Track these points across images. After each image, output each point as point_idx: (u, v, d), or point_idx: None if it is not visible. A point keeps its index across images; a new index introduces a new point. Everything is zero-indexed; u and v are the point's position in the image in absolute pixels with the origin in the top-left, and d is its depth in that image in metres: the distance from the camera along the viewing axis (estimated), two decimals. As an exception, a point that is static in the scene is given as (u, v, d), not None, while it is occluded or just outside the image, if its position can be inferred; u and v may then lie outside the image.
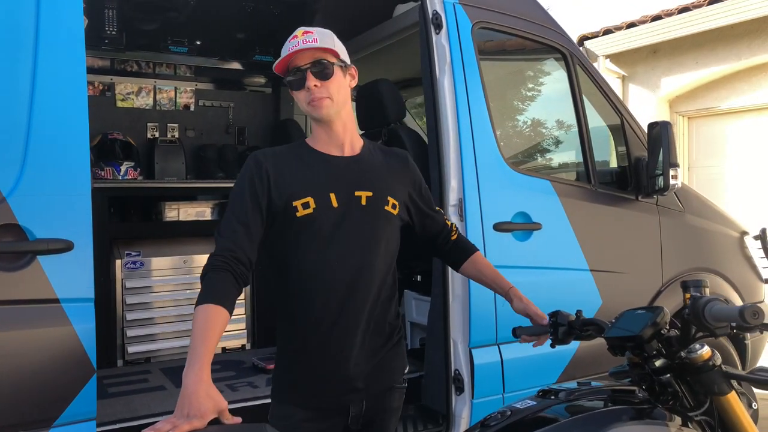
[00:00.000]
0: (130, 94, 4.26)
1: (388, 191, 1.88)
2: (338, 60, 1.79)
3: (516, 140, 3.77)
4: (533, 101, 4.04)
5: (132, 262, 3.62)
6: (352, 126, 1.91)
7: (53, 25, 2.02)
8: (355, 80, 1.89)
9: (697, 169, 8.10)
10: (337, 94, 1.79)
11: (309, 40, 1.74)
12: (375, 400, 1.87)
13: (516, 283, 3.00)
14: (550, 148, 3.87)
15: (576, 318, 1.90)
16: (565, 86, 3.35)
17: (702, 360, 1.53)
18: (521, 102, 3.82)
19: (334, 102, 1.78)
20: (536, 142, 3.91)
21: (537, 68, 3.88)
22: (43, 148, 1.97)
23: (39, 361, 1.93)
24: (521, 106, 3.81)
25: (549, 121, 3.97)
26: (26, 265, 1.93)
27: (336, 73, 1.78)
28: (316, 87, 1.75)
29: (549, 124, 3.93)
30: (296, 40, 1.75)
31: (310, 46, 1.74)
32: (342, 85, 1.81)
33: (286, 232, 1.79)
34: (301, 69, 1.75)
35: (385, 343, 1.89)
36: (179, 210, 3.94)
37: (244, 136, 4.65)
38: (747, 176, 7.56)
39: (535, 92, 3.99)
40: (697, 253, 3.79)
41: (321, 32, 1.79)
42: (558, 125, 3.86)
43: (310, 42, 1.74)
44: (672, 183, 3.26)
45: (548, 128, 3.96)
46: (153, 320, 3.67)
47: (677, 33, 7.48)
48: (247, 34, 4.23)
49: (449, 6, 2.96)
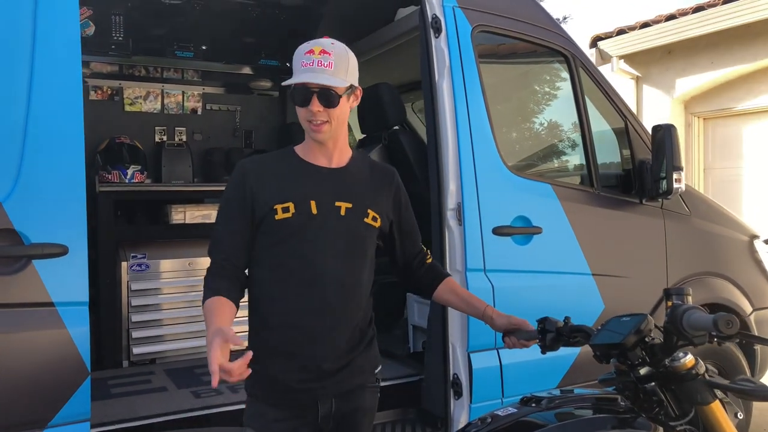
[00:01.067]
0: (138, 98, 4.32)
1: (370, 204, 1.92)
2: (346, 89, 1.81)
3: (517, 144, 3.76)
4: (535, 104, 4.02)
5: (137, 264, 3.66)
6: (343, 140, 1.94)
7: (50, 32, 2.06)
8: (358, 100, 1.91)
9: (713, 171, 8.00)
10: (337, 120, 1.82)
11: (324, 64, 1.74)
12: (345, 399, 1.90)
13: (516, 287, 3.05)
14: (551, 151, 3.85)
15: (564, 324, 1.89)
16: (567, 89, 3.34)
17: (685, 368, 1.52)
18: (522, 105, 3.80)
19: (332, 126, 1.82)
20: (537, 146, 3.89)
21: (539, 71, 3.86)
22: (39, 154, 2.01)
23: (34, 363, 1.97)
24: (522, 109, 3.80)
25: (551, 124, 3.95)
26: (22, 269, 1.97)
27: (341, 102, 1.80)
28: (319, 111, 1.77)
29: (551, 128, 3.91)
30: (311, 58, 1.75)
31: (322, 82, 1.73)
32: (344, 110, 1.84)
33: (265, 234, 1.84)
34: (308, 89, 1.76)
35: (356, 346, 1.92)
36: (185, 213, 3.97)
37: (251, 139, 4.70)
38: (764, 178, 7.44)
39: (536, 95, 3.97)
40: (704, 257, 3.74)
41: (338, 56, 1.78)
42: (560, 128, 3.84)
43: (325, 67, 1.74)
44: (675, 186, 3.23)
45: (550, 131, 3.94)
46: (158, 322, 3.72)
47: (692, 33, 7.39)
48: (253, 38, 4.27)
49: (449, 10, 2.96)
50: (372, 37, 3.76)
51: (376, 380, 2.01)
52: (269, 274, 1.84)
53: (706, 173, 8.02)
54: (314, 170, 1.89)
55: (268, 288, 1.85)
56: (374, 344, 2.01)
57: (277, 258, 1.84)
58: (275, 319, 1.85)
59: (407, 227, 2.09)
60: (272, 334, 1.85)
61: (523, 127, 3.93)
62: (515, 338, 1.98)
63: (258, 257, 1.87)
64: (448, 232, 2.89)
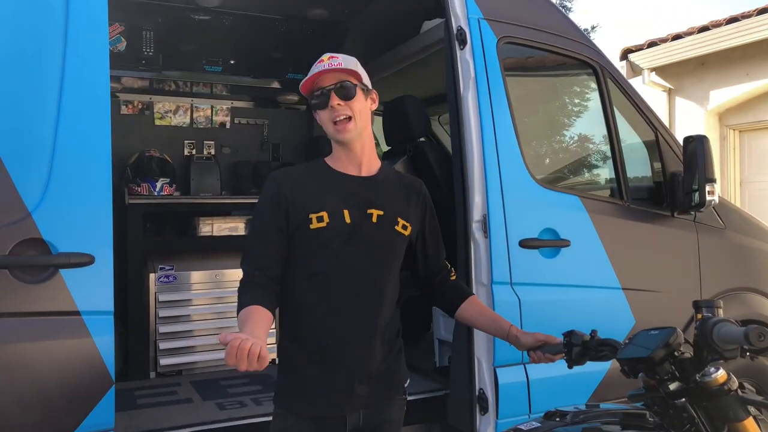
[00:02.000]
0: (168, 112, 4.39)
1: (400, 212, 1.95)
2: (361, 83, 1.89)
3: (544, 156, 3.71)
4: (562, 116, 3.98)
5: (165, 276, 3.70)
6: (370, 147, 1.98)
7: (80, 46, 2.10)
8: (376, 104, 1.97)
9: (749, 184, 7.80)
10: (359, 115, 1.87)
11: (334, 64, 1.85)
12: (374, 411, 1.90)
13: (543, 301, 3.00)
14: (579, 163, 3.79)
15: (591, 338, 1.84)
16: (595, 100, 3.29)
17: (717, 384, 1.47)
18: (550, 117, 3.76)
19: (357, 124, 1.86)
20: (565, 158, 3.84)
21: (566, 83, 3.82)
22: (67, 165, 2.05)
23: (59, 372, 1.99)
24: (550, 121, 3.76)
25: (579, 136, 3.89)
26: (49, 278, 2.00)
27: (358, 95, 1.87)
28: (339, 105, 1.83)
29: (579, 139, 3.86)
30: (322, 64, 1.86)
31: (335, 68, 1.84)
32: (364, 108, 1.90)
33: (299, 244, 1.87)
34: (325, 90, 1.84)
35: (386, 356, 1.93)
36: (213, 225, 4.03)
37: (278, 152, 4.73)
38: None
39: (564, 107, 3.93)
40: (740, 271, 3.63)
41: (346, 58, 1.89)
42: (588, 140, 3.78)
43: (336, 65, 1.84)
44: (708, 199, 3.15)
45: (578, 143, 3.88)
46: (185, 333, 3.75)
47: (726, 44, 7.26)
48: (281, 53, 4.32)
49: (474, 22, 2.94)
50: (397, 50, 3.77)
51: (404, 393, 2.00)
52: (304, 283, 1.86)
53: (743, 187, 7.83)
54: (345, 179, 1.92)
55: (303, 297, 1.86)
56: (402, 356, 2.01)
57: (312, 267, 1.86)
58: (310, 327, 1.85)
59: (432, 239, 2.09)
60: (307, 342, 1.85)
61: (550, 139, 3.88)
62: (541, 353, 1.95)
63: (292, 267, 1.88)
64: (474, 244, 2.85)
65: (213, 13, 3.89)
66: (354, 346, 1.85)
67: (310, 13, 4.00)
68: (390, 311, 1.95)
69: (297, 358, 1.88)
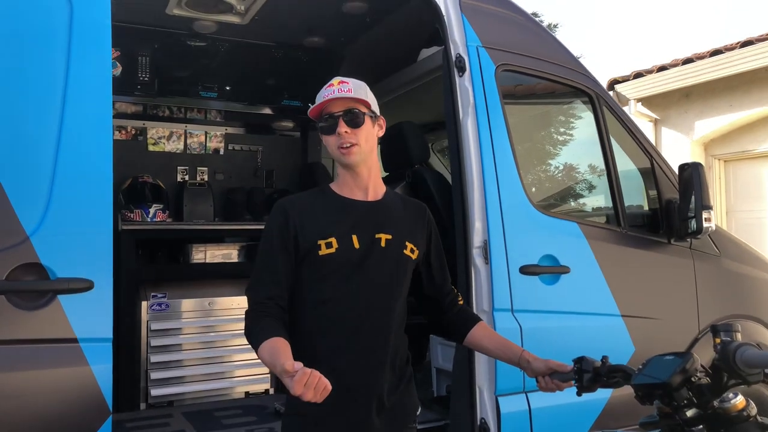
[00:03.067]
0: (161, 138, 4.36)
1: (407, 236, 1.94)
2: (369, 110, 1.89)
3: (542, 182, 3.73)
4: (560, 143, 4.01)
5: (158, 304, 3.63)
6: (376, 172, 1.98)
7: (82, 69, 2.08)
8: (383, 130, 1.98)
9: (735, 213, 7.89)
10: (365, 142, 1.87)
11: (344, 90, 1.85)
12: None
13: (544, 328, 2.97)
14: (577, 190, 3.81)
15: (602, 364, 1.82)
16: (592, 128, 3.32)
17: (736, 410, 1.44)
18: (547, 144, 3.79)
19: (362, 149, 1.86)
20: (563, 184, 3.86)
21: (563, 110, 3.86)
22: (67, 189, 2.01)
23: (55, 401, 1.92)
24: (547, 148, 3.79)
25: (576, 163, 3.92)
26: (47, 304, 1.95)
27: (366, 122, 1.87)
28: (347, 133, 1.83)
29: (576, 167, 3.89)
30: (332, 89, 1.86)
31: (345, 96, 1.84)
32: (370, 134, 1.90)
33: (308, 270, 1.85)
34: (334, 116, 1.85)
35: (398, 384, 1.90)
36: (206, 252, 3.97)
37: (272, 179, 4.71)
38: (788, 221, 7.33)
39: (561, 134, 3.97)
40: (736, 299, 3.64)
41: (356, 83, 1.89)
42: (585, 167, 3.81)
43: (345, 92, 1.84)
44: (705, 226, 3.17)
45: (575, 170, 3.91)
46: (177, 363, 3.66)
47: (710, 76, 7.42)
48: (277, 80, 4.32)
49: (473, 49, 2.97)
50: (394, 77, 3.79)
51: (415, 422, 1.97)
52: (313, 310, 1.84)
53: (729, 216, 7.92)
54: (353, 204, 1.91)
55: (312, 324, 1.84)
56: (413, 384, 1.98)
57: (321, 294, 1.83)
58: (320, 354, 1.81)
59: (438, 262, 2.08)
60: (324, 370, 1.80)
61: (548, 166, 3.91)
62: (550, 379, 1.92)
63: (302, 295, 1.86)
64: (474, 270, 2.83)
65: (209, 40, 3.90)
66: (366, 374, 1.82)
67: (306, 41, 4.02)
68: (400, 337, 1.94)
69: None
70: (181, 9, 3.47)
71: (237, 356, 3.77)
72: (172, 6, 3.44)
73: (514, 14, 3.24)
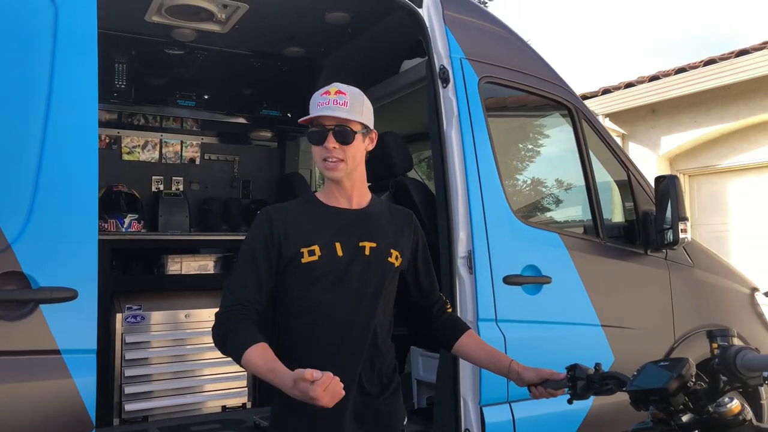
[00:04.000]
0: (136, 147, 4.28)
1: (392, 244, 1.93)
2: (362, 128, 1.84)
3: (523, 193, 3.77)
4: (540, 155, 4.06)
5: (133, 316, 3.54)
6: (360, 181, 1.96)
7: (67, 74, 2.03)
8: (374, 143, 1.94)
9: (700, 226, 8.10)
10: (352, 159, 1.84)
11: (340, 103, 1.79)
12: None
13: (527, 338, 2.98)
14: (557, 201, 3.86)
15: (595, 372, 1.84)
16: (571, 140, 3.37)
17: (732, 414, 1.47)
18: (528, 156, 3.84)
19: (347, 166, 1.83)
20: (543, 196, 3.91)
21: (543, 123, 3.91)
22: (51, 196, 1.95)
23: (37, 415, 1.85)
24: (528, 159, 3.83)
25: (556, 174, 3.97)
26: (28, 314, 1.88)
27: (356, 140, 1.83)
28: (335, 148, 1.80)
29: (556, 178, 3.94)
30: (327, 98, 1.80)
31: (338, 114, 1.78)
32: (359, 150, 1.86)
33: (292, 279, 1.83)
34: (325, 128, 1.80)
35: (382, 392, 1.88)
36: (182, 263, 3.89)
37: (248, 189, 4.66)
38: (752, 233, 7.54)
39: (541, 146, 4.02)
40: (709, 309, 3.72)
41: (353, 96, 1.83)
42: (565, 179, 3.86)
43: (340, 105, 1.79)
44: (682, 237, 3.24)
45: (555, 182, 3.96)
46: (153, 377, 3.56)
47: (675, 93, 7.62)
48: (255, 89, 4.29)
49: (456, 61, 2.99)
50: (376, 88, 3.79)
51: (403, 431, 1.95)
52: (299, 319, 1.82)
53: (695, 229, 8.11)
54: (337, 213, 1.89)
55: (299, 334, 1.82)
56: (400, 394, 1.97)
57: (306, 302, 1.82)
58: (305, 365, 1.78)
59: (425, 269, 2.07)
60: None
61: (528, 177, 3.95)
62: (543, 388, 1.92)
63: (286, 304, 1.84)
64: (459, 280, 2.84)
65: (187, 48, 3.86)
66: (352, 383, 1.79)
67: (285, 50, 4.01)
68: (386, 346, 1.92)
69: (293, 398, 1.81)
70: (161, 16, 3.42)
71: (213, 369, 3.69)
72: (151, 13, 3.39)
73: (496, 27, 3.28)
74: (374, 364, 1.85)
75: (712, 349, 1.47)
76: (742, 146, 7.58)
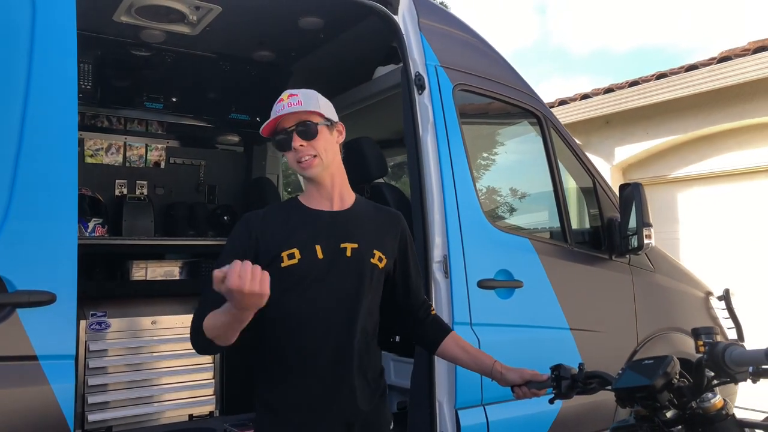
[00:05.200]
0: (99, 150, 4.17)
1: (375, 245, 1.91)
2: (323, 119, 1.86)
3: (494, 198, 3.83)
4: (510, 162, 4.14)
5: (97, 323, 3.43)
6: (341, 180, 1.95)
7: (45, 72, 1.97)
8: (343, 135, 1.96)
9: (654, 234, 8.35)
10: (324, 152, 1.84)
11: (294, 103, 1.82)
12: None
13: (500, 342, 3.03)
14: (526, 207, 3.94)
15: (579, 371, 1.88)
16: (540, 148, 3.45)
17: (715, 409, 1.53)
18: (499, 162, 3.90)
19: (322, 160, 1.84)
20: (513, 201, 3.98)
21: (514, 130, 4.00)
22: (28, 197, 1.89)
23: (13, 423, 1.78)
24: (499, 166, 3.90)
25: (525, 181, 4.06)
26: (5, 318, 1.81)
27: (321, 132, 1.84)
28: (302, 147, 1.81)
29: (525, 184, 4.02)
30: (282, 104, 1.83)
31: (294, 110, 1.81)
32: (329, 142, 1.87)
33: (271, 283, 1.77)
34: (287, 131, 1.82)
35: (371, 396, 1.88)
36: (147, 269, 3.80)
37: (214, 194, 4.59)
38: (701, 241, 7.84)
39: (511, 153, 4.10)
40: (669, 312, 3.85)
41: (305, 94, 1.87)
42: (534, 185, 3.94)
43: (295, 105, 1.82)
44: (646, 242, 3.34)
45: (524, 188, 4.04)
46: (117, 385, 3.46)
47: (628, 105, 7.87)
48: (225, 92, 4.24)
49: (431, 68, 3.03)
50: (348, 94, 3.80)
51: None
52: (280, 324, 1.80)
53: (647, 237, 8.37)
54: (318, 215, 1.89)
55: (281, 340, 1.80)
56: (387, 398, 1.97)
57: (286, 307, 1.79)
58: (288, 370, 1.78)
59: (413, 271, 2.08)
60: (292, 388, 1.77)
61: (499, 183, 4.02)
62: (526, 388, 1.96)
63: (267, 311, 1.79)
64: (435, 285, 2.86)
65: (154, 50, 3.78)
66: (338, 388, 1.78)
67: (255, 54, 3.97)
68: (372, 348, 1.91)
69: (277, 405, 1.79)
70: (130, 17, 3.35)
71: (180, 377, 3.61)
72: (120, 13, 3.32)
73: (470, 36, 3.34)
74: (364, 366, 1.84)
75: (698, 346, 1.53)
76: (690, 157, 7.88)
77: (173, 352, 3.61)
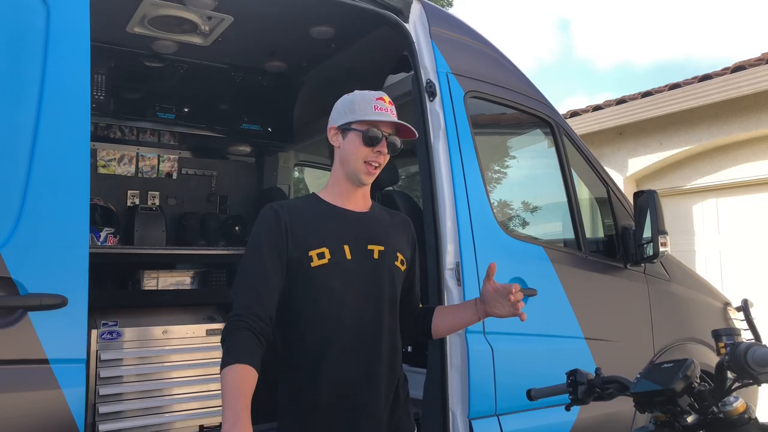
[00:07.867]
0: (111, 160, 4.20)
1: (398, 247, 1.93)
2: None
3: (507, 206, 3.80)
4: (522, 169, 4.11)
5: (108, 332, 3.42)
6: (367, 186, 1.97)
7: (59, 76, 1.98)
8: None
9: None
10: (382, 169, 1.90)
11: (394, 113, 1.87)
12: None
13: (514, 350, 2.99)
14: (540, 215, 3.91)
15: (596, 376, 1.85)
16: (553, 156, 3.43)
17: (737, 413, 1.49)
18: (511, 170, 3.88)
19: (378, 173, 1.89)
20: (527, 209, 3.95)
21: (526, 138, 3.97)
22: (41, 200, 1.89)
23: (24, 427, 1.77)
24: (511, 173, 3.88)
25: (538, 189, 4.03)
26: (16, 321, 1.80)
27: None
28: (381, 154, 1.85)
29: (538, 192, 3.99)
30: (384, 105, 1.84)
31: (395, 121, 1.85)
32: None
33: (299, 282, 1.78)
34: (382, 132, 1.83)
35: (396, 402, 1.87)
36: (158, 278, 3.80)
37: (226, 204, 4.60)
38: (715, 253, 7.74)
39: (524, 160, 4.07)
40: (686, 322, 3.79)
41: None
42: (547, 193, 3.91)
43: (394, 116, 1.86)
44: (662, 250, 3.30)
45: (537, 196, 4.01)
46: (128, 395, 3.44)
47: (641, 116, 7.83)
48: (236, 103, 4.26)
49: (442, 75, 3.03)
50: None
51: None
52: (310, 326, 1.77)
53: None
54: (343, 214, 1.88)
55: (311, 342, 1.77)
56: (410, 406, 1.96)
57: (316, 307, 1.77)
58: (325, 374, 1.75)
59: (417, 277, 2.11)
60: (322, 391, 1.75)
61: (511, 191, 3.99)
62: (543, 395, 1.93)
63: (296, 311, 1.79)
64: (447, 292, 2.83)
65: (167, 61, 3.81)
66: (370, 392, 1.77)
67: (267, 64, 4.00)
68: (397, 353, 1.90)
69: (312, 408, 1.76)
70: (143, 27, 3.38)
71: (192, 388, 3.59)
72: (133, 24, 3.35)
73: (480, 44, 3.34)
74: (393, 369, 1.84)
75: (719, 348, 1.49)
76: (705, 168, 7.81)
77: (184, 362, 3.59)
